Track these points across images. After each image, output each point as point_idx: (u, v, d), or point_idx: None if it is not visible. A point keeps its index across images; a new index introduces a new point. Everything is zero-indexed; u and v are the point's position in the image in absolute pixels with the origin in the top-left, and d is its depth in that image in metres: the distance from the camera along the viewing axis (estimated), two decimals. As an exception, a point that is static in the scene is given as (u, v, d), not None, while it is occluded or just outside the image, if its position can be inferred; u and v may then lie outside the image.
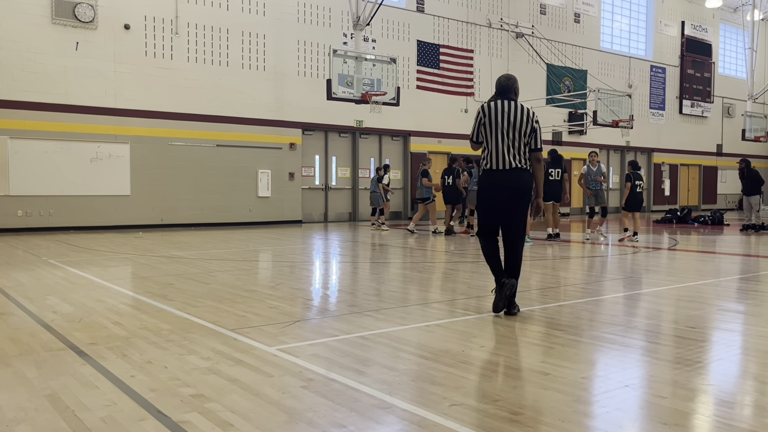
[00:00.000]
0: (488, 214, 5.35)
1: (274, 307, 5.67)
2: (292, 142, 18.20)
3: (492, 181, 5.26)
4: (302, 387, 3.38)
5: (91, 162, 15.25)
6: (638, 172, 13.11)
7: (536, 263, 9.27)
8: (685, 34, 28.84)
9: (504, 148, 5.20)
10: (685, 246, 12.23)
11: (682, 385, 3.42)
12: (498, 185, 5.23)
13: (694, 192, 30.48)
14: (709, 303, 6.05)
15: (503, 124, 5.22)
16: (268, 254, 10.79)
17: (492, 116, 5.25)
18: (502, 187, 5.21)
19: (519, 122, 5.22)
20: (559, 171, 13.30)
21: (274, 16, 17.76)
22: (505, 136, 5.21)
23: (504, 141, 5.21)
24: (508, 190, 5.20)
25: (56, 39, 14.72)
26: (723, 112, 30.94)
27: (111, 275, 7.78)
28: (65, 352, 4.14)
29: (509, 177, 5.20)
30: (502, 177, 5.21)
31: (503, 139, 5.21)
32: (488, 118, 5.26)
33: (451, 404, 3.12)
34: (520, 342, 4.41)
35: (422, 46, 20.62)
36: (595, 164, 13.57)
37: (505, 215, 5.27)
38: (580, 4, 24.97)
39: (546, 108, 23.80)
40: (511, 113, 5.24)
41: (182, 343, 4.33)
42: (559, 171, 13.30)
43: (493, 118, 5.24)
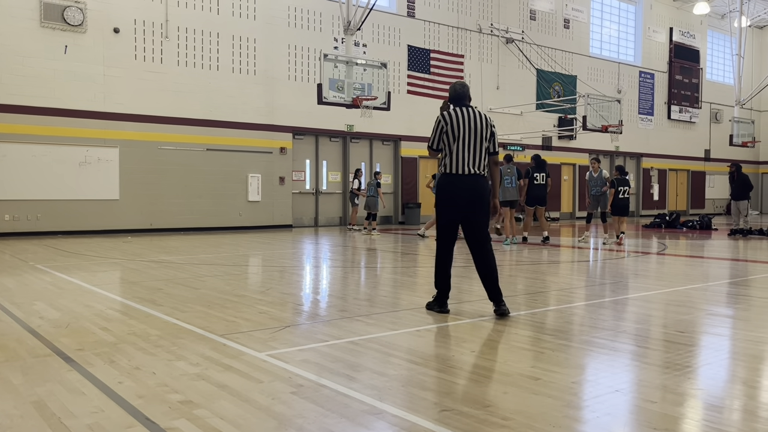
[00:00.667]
0: (449, 218, 5.50)
1: (263, 312, 5.64)
2: (282, 147, 18.17)
3: (453, 184, 5.43)
4: (292, 393, 3.36)
5: (80, 166, 15.15)
6: (625, 177, 13.34)
7: (524, 267, 9.28)
8: (673, 41, 29.10)
9: (466, 154, 5.39)
10: (674, 250, 12.30)
11: (671, 390, 3.43)
12: (459, 189, 5.41)
13: (682, 197, 30.69)
14: (698, 307, 6.08)
15: (467, 131, 5.39)
16: (258, 259, 10.74)
17: (455, 123, 5.40)
18: (463, 190, 5.40)
19: (480, 128, 5.42)
20: (543, 175, 13.39)
21: (265, 20, 17.75)
22: (468, 142, 5.39)
23: (466, 147, 5.39)
24: (468, 194, 5.40)
25: (45, 42, 14.63)
26: (711, 118, 31.21)
27: (99, 280, 7.71)
28: (52, 358, 4.09)
29: (469, 182, 5.40)
30: (463, 181, 5.40)
31: (465, 145, 5.39)
32: (450, 126, 5.41)
33: (441, 410, 3.11)
34: (510, 347, 4.41)
35: (413, 51, 20.67)
36: (596, 170, 13.69)
37: (465, 218, 5.45)
38: (570, 10, 25.13)
39: (536, 113, 23.92)
40: (472, 120, 5.42)
41: (171, 349, 4.29)
42: (543, 175, 13.39)
43: (455, 125, 5.40)
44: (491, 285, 5.41)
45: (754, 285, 7.66)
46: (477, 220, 5.46)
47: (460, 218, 5.49)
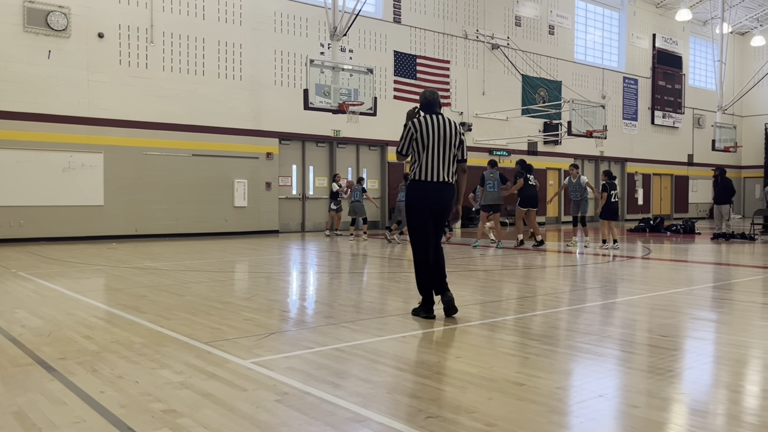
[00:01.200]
0: (420, 224, 5.60)
1: (249, 319, 5.61)
2: (269, 152, 18.12)
3: (423, 191, 5.52)
4: (276, 401, 3.34)
5: (64, 172, 15.01)
6: (613, 182, 13.33)
7: (509, 273, 9.32)
8: (656, 47, 29.41)
9: (435, 161, 5.48)
10: (658, 255, 12.40)
11: (655, 395, 3.45)
12: (428, 195, 5.51)
13: (666, 201, 30.98)
14: (682, 311, 6.14)
15: (436, 138, 5.47)
16: (244, 265, 10.69)
17: (424, 131, 5.48)
18: (432, 198, 5.51)
19: (450, 135, 5.51)
20: (534, 177, 13.55)
21: (251, 25, 17.71)
22: (437, 149, 5.47)
23: (436, 154, 5.48)
24: (437, 201, 5.52)
25: (28, 47, 14.49)
26: (693, 123, 31.56)
27: (82, 287, 7.64)
28: (33, 367, 4.04)
29: (438, 189, 5.51)
30: (432, 188, 5.50)
31: (434, 152, 5.47)
32: (420, 133, 5.49)
33: (426, 416, 3.11)
34: (495, 352, 4.42)
35: (399, 56, 20.72)
36: (575, 176, 13.81)
37: (434, 224, 5.60)
38: (555, 17, 25.33)
39: (522, 118, 24.06)
40: (442, 127, 5.51)
41: (154, 357, 4.26)
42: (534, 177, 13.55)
43: (425, 132, 5.48)
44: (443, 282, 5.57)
45: (736, 289, 7.74)
46: (440, 226, 5.69)
47: (429, 223, 5.60)
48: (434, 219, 5.60)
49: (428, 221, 5.59)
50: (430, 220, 5.59)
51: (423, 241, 5.63)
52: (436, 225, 5.63)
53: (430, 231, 5.62)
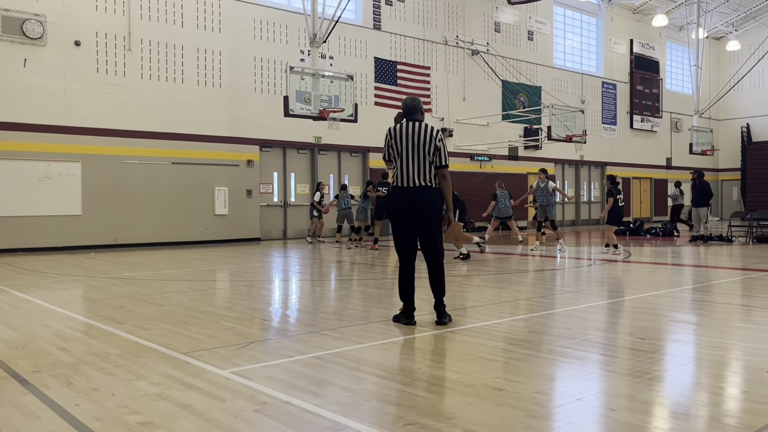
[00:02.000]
0: (402, 230, 5.61)
1: (229, 328, 5.56)
2: (249, 159, 18.03)
3: (400, 197, 5.57)
4: (255, 411, 3.31)
5: (40, 181, 14.79)
6: (618, 186, 13.26)
7: (491, 277, 9.34)
8: (633, 52, 29.79)
9: (410, 166, 5.52)
10: (638, 258, 12.52)
11: (635, 398, 3.47)
12: (405, 201, 5.54)
13: (646, 204, 31.31)
14: (661, 314, 6.19)
15: (408, 144, 5.53)
16: (224, 273, 10.61)
17: (398, 137, 5.57)
18: (409, 203, 5.53)
19: (423, 141, 5.52)
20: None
21: (230, 32, 17.64)
22: (411, 155, 5.52)
23: (410, 160, 5.52)
24: (415, 206, 5.52)
25: (3, 56, 14.28)
26: (671, 127, 31.98)
27: (59, 299, 7.52)
28: (6, 381, 3.96)
29: (415, 194, 5.52)
30: (408, 194, 5.53)
31: (408, 158, 5.52)
32: (395, 140, 5.58)
33: (405, 423, 3.09)
34: (475, 358, 4.42)
35: (379, 63, 20.76)
36: (543, 181, 13.92)
37: (418, 230, 5.58)
38: (533, 23, 25.56)
39: (502, 124, 24.19)
40: (415, 134, 5.55)
41: (131, 369, 4.19)
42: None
43: (399, 138, 5.56)
44: (437, 296, 5.60)
45: (715, 291, 7.83)
46: (426, 231, 5.59)
47: (410, 228, 5.57)
48: (418, 224, 5.55)
49: (406, 227, 5.57)
50: (408, 226, 5.56)
51: (403, 247, 5.62)
52: (422, 230, 5.57)
53: (409, 237, 5.60)
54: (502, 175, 24.29)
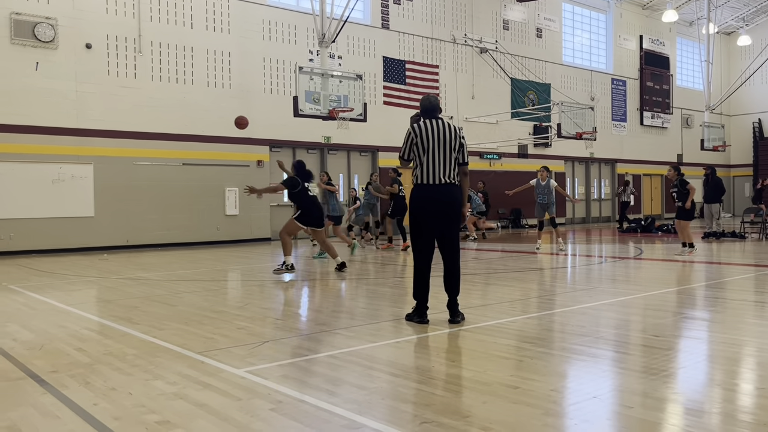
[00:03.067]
0: (423, 228, 5.59)
1: (242, 327, 5.59)
2: (259, 160, 18.09)
3: (424, 195, 5.55)
4: (271, 409, 3.33)
5: (53, 183, 14.91)
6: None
7: (502, 276, 9.33)
8: (643, 48, 29.62)
9: (437, 164, 5.52)
10: (650, 255, 12.46)
11: (649, 395, 3.46)
12: (430, 199, 5.53)
13: (657, 201, 31.14)
14: (675, 311, 6.16)
15: (435, 142, 5.53)
16: (236, 273, 10.66)
17: (424, 135, 5.55)
18: (434, 200, 5.53)
19: (450, 139, 5.56)
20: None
21: (239, 33, 17.71)
22: (438, 152, 5.52)
23: (437, 157, 5.52)
24: (442, 204, 5.53)
25: (15, 59, 14.42)
26: (682, 123, 31.77)
27: (74, 299, 7.58)
28: (25, 381, 4.01)
29: (443, 191, 5.53)
30: (434, 191, 5.52)
31: (436, 155, 5.52)
32: (420, 138, 5.55)
33: (421, 422, 3.10)
34: (489, 356, 4.42)
35: (388, 62, 20.76)
36: (544, 179, 13.33)
37: (438, 228, 5.57)
38: (542, 20, 25.47)
39: (511, 121, 24.13)
40: (441, 131, 5.57)
41: (148, 368, 4.23)
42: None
43: (425, 137, 5.54)
44: (452, 295, 5.61)
45: (728, 287, 7.78)
46: (449, 229, 5.61)
47: (433, 227, 5.56)
48: (442, 222, 5.54)
49: (430, 224, 5.54)
50: (431, 224, 5.54)
51: (424, 245, 5.60)
52: (446, 228, 5.57)
53: (431, 234, 5.59)
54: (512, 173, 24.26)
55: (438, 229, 5.57)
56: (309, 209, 9.60)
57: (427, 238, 5.61)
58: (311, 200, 9.80)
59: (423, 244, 5.61)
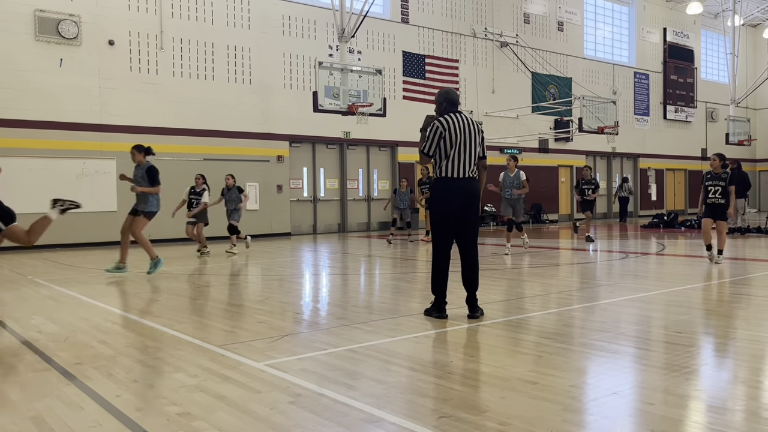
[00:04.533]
0: (445, 222, 5.57)
1: (262, 321, 5.63)
2: (279, 155, 18.18)
3: (449, 188, 5.53)
4: (290, 402, 3.35)
5: (77, 178, 15.14)
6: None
7: (522, 271, 9.28)
8: (667, 41, 29.18)
9: (463, 158, 5.52)
10: (673, 250, 12.30)
11: (671, 392, 3.43)
12: (455, 193, 5.51)
13: (680, 196, 30.72)
14: (697, 307, 6.08)
15: (463, 136, 5.52)
16: (256, 268, 10.73)
17: (452, 129, 5.52)
18: (458, 194, 5.51)
19: (474, 133, 5.59)
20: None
21: (259, 29, 17.78)
22: (465, 147, 5.52)
23: (464, 152, 5.52)
24: (464, 197, 5.51)
25: (40, 56, 14.64)
26: (706, 117, 31.28)
27: (97, 293, 7.70)
28: (50, 372, 4.08)
29: (465, 185, 5.53)
30: (458, 185, 5.52)
31: (463, 150, 5.52)
32: (448, 132, 5.52)
33: (440, 416, 3.10)
34: (508, 351, 4.40)
35: (408, 56, 20.71)
36: (512, 170, 11.67)
37: (460, 222, 5.55)
38: (564, 13, 25.21)
39: (532, 116, 23.95)
40: (466, 126, 5.57)
41: (169, 361, 4.28)
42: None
43: (454, 130, 5.52)
44: (470, 290, 5.60)
45: (753, 284, 7.66)
46: (469, 223, 5.59)
47: (455, 221, 5.54)
48: (464, 216, 5.53)
49: (452, 220, 5.52)
50: (454, 219, 5.52)
51: (447, 240, 5.58)
52: (467, 223, 5.56)
53: (453, 230, 5.57)
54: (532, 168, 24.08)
55: (459, 223, 5.55)
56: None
57: (448, 232, 5.59)
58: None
59: (444, 238, 5.59)
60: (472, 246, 5.63)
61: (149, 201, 9.60)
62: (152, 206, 9.74)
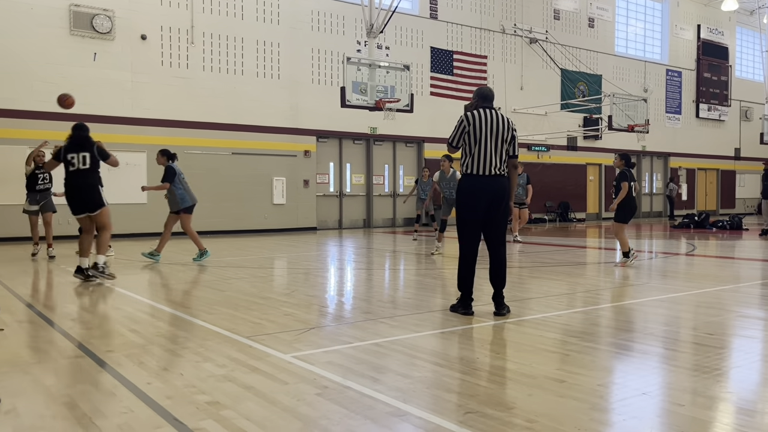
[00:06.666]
0: (471, 219, 5.54)
1: (289, 314, 5.69)
2: (306, 150, 18.28)
3: (475, 185, 5.49)
4: (317, 394, 3.39)
5: (109, 171, 15.31)
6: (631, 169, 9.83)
7: (549, 269, 9.21)
8: (701, 38, 28.62)
9: (488, 155, 5.46)
10: (704, 251, 12.09)
11: (700, 393, 3.38)
12: (480, 189, 5.48)
13: (711, 196, 30.15)
14: (728, 309, 5.98)
15: (488, 132, 5.46)
16: (283, 261, 10.82)
17: (477, 124, 5.48)
18: (484, 190, 5.47)
19: (501, 130, 5.49)
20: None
21: (289, 24, 17.89)
22: (490, 143, 5.46)
23: (489, 148, 5.46)
24: (489, 194, 5.47)
25: (75, 50, 14.93)
26: (741, 116, 30.62)
27: (128, 283, 7.85)
28: (83, 359, 4.18)
29: (490, 182, 5.48)
30: (484, 182, 5.47)
31: (487, 146, 5.46)
32: (473, 126, 5.48)
33: (466, 412, 3.10)
34: (535, 349, 4.38)
35: (435, 52, 20.65)
36: (448, 171, 11.27)
37: (486, 220, 5.52)
38: (595, 9, 24.88)
39: (561, 113, 23.71)
40: (494, 122, 5.49)
41: (198, 351, 4.35)
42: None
43: (478, 125, 5.47)
44: (498, 287, 5.57)
45: (786, 286, 7.49)
46: (497, 220, 5.55)
47: (481, 218, 5.51)
48: (491, 213, 5.49)
49: (478, 216, 5.50)
50: (481, 215, 5.49)
51: (470, 240, 5.56)
52: (494, 219, 5.51)
53: (478, 227, 5.55)
54: (560, 166, 23.85)
55: (485, 220, 5.52)
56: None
57: (474, 229, 5.57)
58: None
59: (470, 235, 5.57)
60: (499, 244, 5.60)
61: (178, 199, 9.88)
62: (185, 202, 10.09)
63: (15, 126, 14.48)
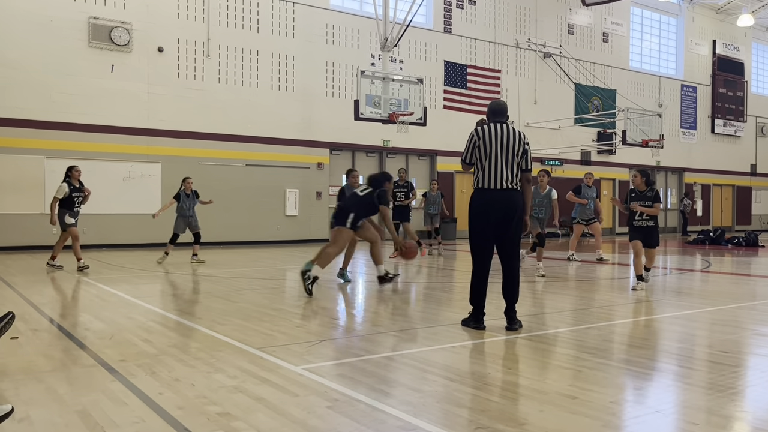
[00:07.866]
0: (482, 233, 5.52)
1: (300, 326, 5.69)
2: (319, 162, 18.36)
3: (486, 199, 5.48)
4: (327, 407, 3.38)
5: (124, 181, 15.57)
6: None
7: (562, 284, 9.15)
8: (716, 53, 28.50)
9: (499, 169, 5.44)
10: (719, 268, 11.96)
11: (715, 412, 3.34)
12: (492, 204, 5.46)
13: (727, 212, 29.86)
14: (744, 327, 5.90)
15: (498, 146, 5.46)
16: (295, 273, 10.82)
17: (487, 139, 5.48)
18: (495, 205, 5.45)
19: (512, 144, 5.48)
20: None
21: (304, 38, 18.04)
22: (500, 157, 5.45)
23: (499, 162, 5.45)
24: (502, 209, 5.45)
25: (93, 62, 15.15)
26: (757, 132, 30.38)
27: (141, 293, 7.90)
28: (96, 368, 4.20)
29: (502, 196, 5.45)
30: (496, 196, 5.45)
31: (498, 160, 5.45)
32: (483, 141, 5.49)
33: (477, 427, 3.09)
34: (547, 365, 4.35)
35: (449, 66, 20.72)
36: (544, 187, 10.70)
37: (498, 234, 5.49)
38: (609, 24, 24.88)
39: (574, 128, 23.66)
40: (505, 136, 5.49)
41: (209, 361, 4.36)
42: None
43: (488, 140, 5.48)
44: (510, 302, 5.55)
45: (803, 304, 7.39)
46: (509, 235, 5.52)
47: (493, 231, 5.49)
48: (502, 227, 5.45)
49: (490, 230, 5.48)
50: (492, 229, 5.47)
51: (482, 254, 5.54)
52: (505, 234, 5.48)
53: (491, 241, 5.53)
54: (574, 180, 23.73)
55: (498, 234, 5.50)
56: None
57: (486, 244, 5.55)
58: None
59: (482, 250, 5.56)
60: (512, 258, 5.58)
61: None
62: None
63: (33, 136, 14.68)
